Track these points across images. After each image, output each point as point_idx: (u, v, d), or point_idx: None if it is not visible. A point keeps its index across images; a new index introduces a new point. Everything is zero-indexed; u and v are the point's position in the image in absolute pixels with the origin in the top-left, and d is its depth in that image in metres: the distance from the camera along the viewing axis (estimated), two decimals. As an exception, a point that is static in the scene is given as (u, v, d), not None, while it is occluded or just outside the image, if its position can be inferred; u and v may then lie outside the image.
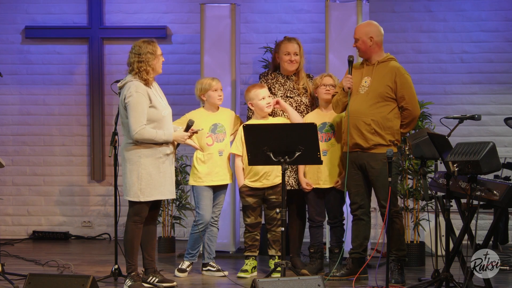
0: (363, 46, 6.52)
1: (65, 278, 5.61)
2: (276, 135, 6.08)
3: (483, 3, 9.03)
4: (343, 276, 6.54)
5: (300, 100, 7.02)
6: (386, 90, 6.40)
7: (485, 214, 8.58)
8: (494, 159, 5.35)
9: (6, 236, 9.19)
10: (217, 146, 6.90)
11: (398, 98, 6.42)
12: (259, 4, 9.25)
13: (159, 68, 6.26)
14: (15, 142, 9.47)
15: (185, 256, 6.97)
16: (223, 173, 6.92)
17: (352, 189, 6.56)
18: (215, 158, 6.89)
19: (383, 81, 6.43)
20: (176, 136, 6.29)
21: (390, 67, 6.47)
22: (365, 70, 6.55)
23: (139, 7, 9.38)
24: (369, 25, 6.59)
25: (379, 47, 6.54)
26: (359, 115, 6.44)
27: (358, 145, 6.44)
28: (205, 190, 6.88)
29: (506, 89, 9.02)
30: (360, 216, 6.55)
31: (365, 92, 6.46)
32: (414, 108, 6.46)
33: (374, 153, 6.40)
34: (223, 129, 6.94)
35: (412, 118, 6.47)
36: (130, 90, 6.11)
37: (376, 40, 6.50)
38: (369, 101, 6.43)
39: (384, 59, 6.52)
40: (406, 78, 6.44)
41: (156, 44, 6.25)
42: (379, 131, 6.40)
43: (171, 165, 6.28)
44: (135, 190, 6.14)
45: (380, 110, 6.42)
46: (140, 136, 6.09)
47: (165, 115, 6.22)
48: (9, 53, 9.46)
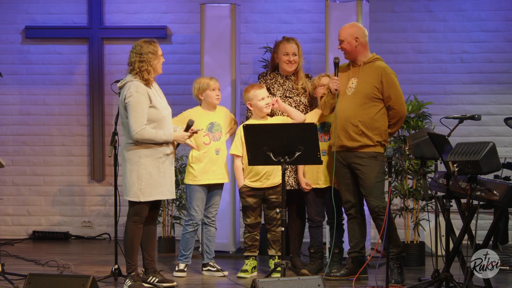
0: (349, 47, 6.54)
1: (65, 278, 5.61)
2: (276, 135, 6.08)
3: (483, 3, 9.03)
4: (343, 276, 6.55)
5: (299, 100, 7.02)
6: (372, 91, 6.42)
7: (485, 214, 8.57)
8: (494, 159, 5.34)
9: (6, 236, 9.19)
10: (214, 145, 6.91)
11: (385, 98, 6.44)
12: (259, 4, 9.25)
13: (160, 68, 6.26)
14: (15, 142, 9.47)
15: (178, 259, 6.96)
16: (220, 172, 6.92)
17: (342, 188, 6.58)
18: (212, 157, 6.89)
19: (370, 81, 6.44)
20: (176, 136, 6.29)
21: (376, 67, 6.48)
22: (351, 71, 6.56)
23: (139, 7, 9.38)
24: (353, 26, 6.61)
25: (364, 48, 6.55)
26: (346, 116, 6.45)
27: (344, 146, 6.48)
28: (198, 191, 6.86)
29: (506, 89, 9.02)
30: (354, 214, 6.58)
31: (352, 93, 6.48)
32: (401, 108, 6.47)
33: (360, 152, 6.43)
34: (219, 127, 6.95)
35: (399, 118, 6.49)
36: (130, 90, 6.11)
37: (361, 40, 6.52)
38: (356, 102, 6.44)
39: (370, 59, 6.54)
40: (392, 77, 6.46)
41: (157, 45, 6.26)
42: (366, 132, 6.41)
43: (171, 165, 6.28)
44: (135, 190, 6.14)
45: (368, 111, 6.43)
46: (140, 136, 6.09)
47: (165, 115, 6.22)
48: (9, 53, 9.46)
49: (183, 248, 6.94)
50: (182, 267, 6.91)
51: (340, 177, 6.57)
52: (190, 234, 6.91)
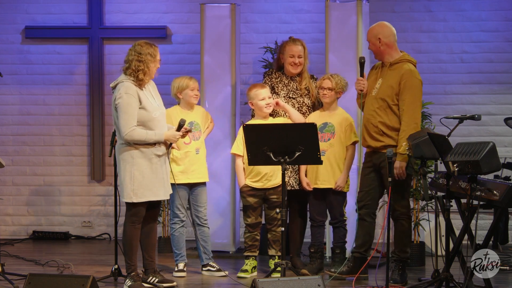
0: (374, 48, 6.52)
1: (65, 278, 5.61)
2: (276, 135, 6.08)
3: (483, 3, 9.03)
4: (343, 274, 6.53)
5: (302, 101, 7.02)
6: (392, 93, 6.36)
7: (485, 214, 8.57)
8: (494, 159, 5.34)
9: (6, 236, 9.19)
10: (194, 144, 6.92)
11: (400, 100, 6.33)
12: (259, 4, 9.24)
13: (153, 73, 6.26)
14: (15, 142, 9.47)
15: (176, 259, 6.97)
16: (200, 171, 6.93)
17: (363, 188, 6.56)
18: (192, 156, 6.90)
19: (390, 83, 6.39)
20: (168, 135, 6.26)
21: (399, 70, 6.41)
22: (380, 71, 6.55)
23: (139, 7, 9.38)
24: (378, 26, 6.54)
25: (391, 48, 6.49)
26: (368, 117, 6.46)
27: (369, 146, 6.49)
28: (181, 190, 6.86)
29: (506, 89, 9.02)
30: (363, 216, 6.55)
31: (375, 94, 6.47)
32: (413, 114, 6.28)
33: (385, 153, 6.38)
34: (198, 127, 6.97)
35: (413, 126, 6.33)
36: (120, 91, 6.12)
37: (385, 41, 6.46)
38: (378, 103, 6.43)
39: (396, 60, 6.46)
40: (414, 82, 6.33)
41: (157, 49, 6.26)
42: (387, 132, 6.38)
43: (164, 166, 6.26)
44: (128, 191, 6.14)
45: (387, 112, 6.40)
46: (130, 137, 6.09)
47: (156, 116, 6.20)
48: (9, 53, 9.46)
49: (176, 248, 6.94)
50: (182, 267, 6.91)
51: (364, 177, 6.57)
52: (178, 232, 6.92)
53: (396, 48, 6.51)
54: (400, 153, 6.27)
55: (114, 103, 6.14)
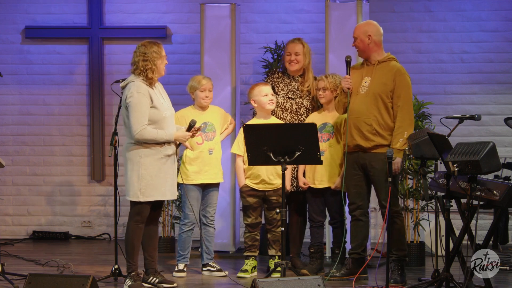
0: (361, 45, 6.52)
1: (65, 278, 5.61)
2: (276, 135, 6.08)
3: (483, 3, 9.03)
4: (343, 276, 6.54)
5: (301, 103, 7.01)
6: (386, 90, 6.39)
7: (485, 214, 8.58)
8: (494, 159, 5.34)
9: (6, 236, 9.19)
10: (207, 145, 6.90)
11: (394, 97, 6.37)
12: (259, 4, 9.25)
13: (162, 70, 6.25)
14: (15, 142, 9.47)
15: (177, 260, 6.97)
16: (213, 171, 6.91)
17: (351, 190, 6.56)
18: (205, 157, 6.89)
19: (383, 81, 6.41)
20: (178, 135, 6.28)
21: (391, 67, 6.46)
22: (365, 70, 6.54)
23: (139, 7, 9.38)
24: (368, 24, 6.58)
25: (378, 46, 6.53)
26: (360, 115, 6.43)
27: (359, 145, 6.44)
28: (193, 190, 6.85)
29: (506, 89, 9.02)
30: (358, 216, 6.55)
31: (365, 92, 6.46)
32: (409, 109, 6.38)
33: (375, 153, 6.40)
34: (212, 127, 6.94)
35: (409, 122, 6.38)
36: (131, 90, 6.12)
37: (374, 39, 6.49)
38: (370, 101, 6.42)
39: (384, 59, 6.51)
40: (406, 78, 6.41)
41: (162, 46, 6.27)
42: (380, 131, 6.39)
43: (172, 166, 6.27)
44: (135, 190, 6.14)
45: (381, 110, 6.41)
46: (141, 136, 6.09)
47: (166, 116, 6.21)
48: (9, 53, 9.46)
49: (181, 248, 6.94)
50: (182, 267, 6.91)
51: (349, 179, 6.54)
52: (186, 234, 6.91)
53: (382, 47, 6.55)
54: (397, 148, 6.29)
55: (125, 102, 6.14)
